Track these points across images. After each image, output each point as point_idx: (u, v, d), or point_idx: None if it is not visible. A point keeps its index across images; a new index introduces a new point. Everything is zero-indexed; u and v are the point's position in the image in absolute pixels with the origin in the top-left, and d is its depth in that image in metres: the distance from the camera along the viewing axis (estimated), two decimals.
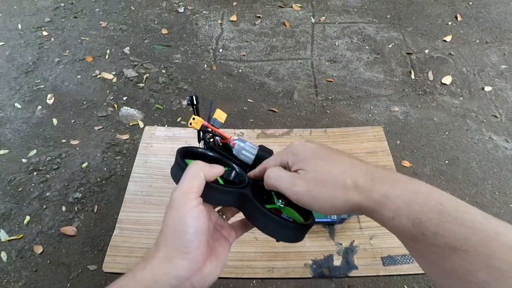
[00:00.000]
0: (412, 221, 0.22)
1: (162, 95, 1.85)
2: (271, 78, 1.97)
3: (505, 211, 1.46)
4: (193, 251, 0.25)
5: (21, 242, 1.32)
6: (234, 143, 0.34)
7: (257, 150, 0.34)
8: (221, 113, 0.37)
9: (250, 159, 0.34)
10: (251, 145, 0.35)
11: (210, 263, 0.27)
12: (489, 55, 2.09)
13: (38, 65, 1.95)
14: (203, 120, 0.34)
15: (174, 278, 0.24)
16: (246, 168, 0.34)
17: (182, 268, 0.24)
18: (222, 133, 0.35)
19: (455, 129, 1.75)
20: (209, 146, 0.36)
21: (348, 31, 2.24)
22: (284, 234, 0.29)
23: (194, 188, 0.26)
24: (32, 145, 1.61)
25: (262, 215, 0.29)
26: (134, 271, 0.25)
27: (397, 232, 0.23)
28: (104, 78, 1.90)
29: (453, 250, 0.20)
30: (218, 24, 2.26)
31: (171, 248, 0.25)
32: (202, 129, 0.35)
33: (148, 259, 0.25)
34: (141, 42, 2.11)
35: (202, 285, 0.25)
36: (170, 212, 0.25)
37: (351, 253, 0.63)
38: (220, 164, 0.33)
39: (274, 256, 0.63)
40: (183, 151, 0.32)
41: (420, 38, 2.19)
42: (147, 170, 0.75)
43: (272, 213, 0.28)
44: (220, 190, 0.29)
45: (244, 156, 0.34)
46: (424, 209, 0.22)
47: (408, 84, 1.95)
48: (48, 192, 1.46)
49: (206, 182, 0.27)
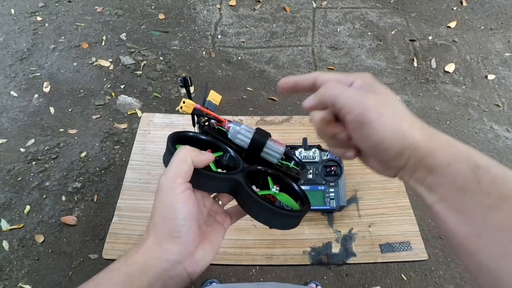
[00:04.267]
0: (472, 168, 0.21)
1: (160, 83, 1.82)
2: (271, 66, 1.93)
3: None
4: (183, 236, 0.24)
5: (22, 232, 1.33)
6: (228, 126, 0.33)
7: (253, 133, 0.33)
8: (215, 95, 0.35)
9: (246, 143, 0.32)
10: (247, 128, 0.33)
11: (203, 248, 0.26)
12: (494, 42, 2.05)
13: (33, 52, 1.91)
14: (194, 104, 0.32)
15: (165, 261, 0.24)
16: (242, 152, 0.33)
17: (173, 252, 0.24)
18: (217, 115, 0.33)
19: (457, 118, 1.73)
20: (204, 129, 0.34)
21: (350, 16, 2.18)
22: (277, 222, 0.29)
23: (182, 173, 0.25)
24: (30, 134, 1.60)
25: (254, 202, 0.28)
26: (126, 256, 0.25)
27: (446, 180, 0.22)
28: (101, 66, 1.86)
29: (505, 199, 0.20)
30: (216, 9, 2.20)
31: (160, 233, 0.25)
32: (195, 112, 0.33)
33: (139, 244, 0.25)
34: (137, 28, 2.06)
35: (194, 269, 0.25)
36: (158, 197, 0.25)
37: (349, 241, 0.63)
38: (215, 148, 0.33)
39: (272, 244, 0.63)
40: (174, 136, 0.31)
41: (424, 24, 2.14)
42: (145, 157, 0.74)
43: (264, 201, 0.28)
44: (210, 177, 0.28)
45: (240, 140, 0.33)
46: (483, 158, 0.22)
47: (411, 72, 1.91)
48: (48, 182, 1.46)
49: (196, 168, 0.26)
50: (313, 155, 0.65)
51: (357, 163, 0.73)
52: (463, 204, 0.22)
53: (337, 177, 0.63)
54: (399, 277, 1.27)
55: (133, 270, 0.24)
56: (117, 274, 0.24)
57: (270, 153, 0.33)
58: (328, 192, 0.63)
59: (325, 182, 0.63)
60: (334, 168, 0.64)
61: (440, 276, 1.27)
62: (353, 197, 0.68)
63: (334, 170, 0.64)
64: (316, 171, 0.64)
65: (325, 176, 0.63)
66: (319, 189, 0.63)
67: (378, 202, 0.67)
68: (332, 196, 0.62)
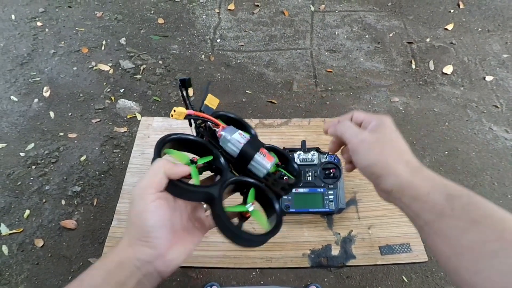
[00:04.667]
0: (446, 196, 0.26)
1: (160, 87, 1.83)
2: (270, 69, 1.94)
3: (504, 201, 1.46)
4: (153, 240, 0.27)
5: (21, 236, 1.33)
6: (220, 134, 0.33)
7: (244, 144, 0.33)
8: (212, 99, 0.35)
9: (235, 152, 0.33)
10: (239, 138, 0.33)
11: (175, 250, 0.29)
12: (491, 43, 2.06)
13: (33, 57, 1.92)
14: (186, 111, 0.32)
15: (137, 260, 0.27)
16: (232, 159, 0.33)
17: (144, 253, 0.27)
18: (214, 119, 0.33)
19: (455, 119, 1.74)
20: (199, 131, 0.34)
21: (348, 19, 2.20)
22: (239, 242, 0.30)
23: (154, 184, 0.28)
24: (30, 139, 1.60)
25: (220, 220, 0.29)
26: (104, 256, 0.29)
27: (426, 207, 0.27)
28: (101, 70, 1.88)
29: (475, 224, 0.24)
30: (215, 13, 2.22)
31: (133, 237, 0.28)
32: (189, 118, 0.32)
33: (116, 246, 0.29)
34: (137, 33, 2.08)
35: (165, 269, 0.28)
36: (131, 206, 0.28)
37: (349, 243, 0.63)
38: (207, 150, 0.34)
39: (272, 246, 0.63)
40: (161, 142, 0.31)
41: (421, 27, 2.15)
42: (144, 161, 0.74)
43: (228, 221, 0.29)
44: (184, 189, 0.29)
45: (229, 149, 0.33)
46: (457, 189, 0.27)
47: (409, 74, 1.92)
48: (47, 186, 1.46)
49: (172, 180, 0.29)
50: (311, 158, 0.66)
51: None
52: (442, 227, 0.26)
53: (336, 179, 0.64)
54: (400, 279, 1.27)
55: (111, 268, 0.27)
56: (97, 272, 0.27)
57: (256, 167, 0.33)
58: (327, 194, 0.63)
59: (324, 185, 0.63)
60: (333, 171, 0.64)
61: (442, 277, 1.27)
62: (352, 199, 0.68)
63: (333, 172, 0.64)
64: (315, 174, 0.64)
65: (324, 179, 0.64)
66: (318, 192, 0.63)
67: (377, 204, 0.67)
68: (331, 199, 0.62)
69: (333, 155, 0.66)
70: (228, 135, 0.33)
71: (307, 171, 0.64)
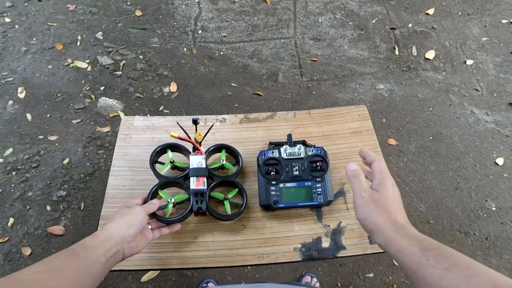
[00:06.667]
0: (421, 250, 0.33)
1: (142, 83, 1.77)
2: (254, 60, 1.91)
3: (486, 182, 1.52)
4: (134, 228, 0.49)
5: (7, 245, 1.28)
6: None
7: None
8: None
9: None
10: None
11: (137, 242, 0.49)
12: (471, 27, 2.10)
13: (3, 56, 1.81)
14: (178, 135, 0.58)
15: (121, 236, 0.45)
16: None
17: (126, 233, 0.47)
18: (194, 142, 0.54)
19: (439, 104, 1.77)
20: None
21: (331, 6, 2.18)
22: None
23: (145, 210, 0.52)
24: (8, 144, 1.53)
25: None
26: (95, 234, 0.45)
27: (407, 258, 0.34)
28: (78, 67, 1.79)
29: (447, 271, 0.30)
30: (195, 3, 2.14)
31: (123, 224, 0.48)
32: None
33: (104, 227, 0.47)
34: (114, 26, 1.98)
35: (128, 251, 0.46)
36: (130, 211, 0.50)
37: (338, 234, 0.63)
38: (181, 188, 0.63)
39: (263, 243, 0.63)
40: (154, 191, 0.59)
41: (403, 12, 2.16)
42: (127, 162, 0.72)
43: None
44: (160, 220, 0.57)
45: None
46: (430, 242, 0.34)
47: (393, 61, 1.94)
48: (30, 192, 1.40)
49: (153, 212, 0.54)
50: (298, 151, 0.65)
51: (342, 156, 0.73)
52: (423, 275, 0.32)
53: (323, 172, 0.63)
54: (391, 263, 1.31)
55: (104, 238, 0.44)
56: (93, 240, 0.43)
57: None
58: (315, 187, 0.63)
59: (312, 178, 0.63)
60: (319, 164, 0.63)
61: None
62: (340, 190, 0.69)
63: (320, 165, 0.63)
64: (302, 167, 0.63)
65: (311, 172, 0.63)
66: (306, 185, 0.63)
67: None
68: (319, 191, 0.62)
69: (319, 147, 0.66)
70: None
71: (294, 165, 0.64)
